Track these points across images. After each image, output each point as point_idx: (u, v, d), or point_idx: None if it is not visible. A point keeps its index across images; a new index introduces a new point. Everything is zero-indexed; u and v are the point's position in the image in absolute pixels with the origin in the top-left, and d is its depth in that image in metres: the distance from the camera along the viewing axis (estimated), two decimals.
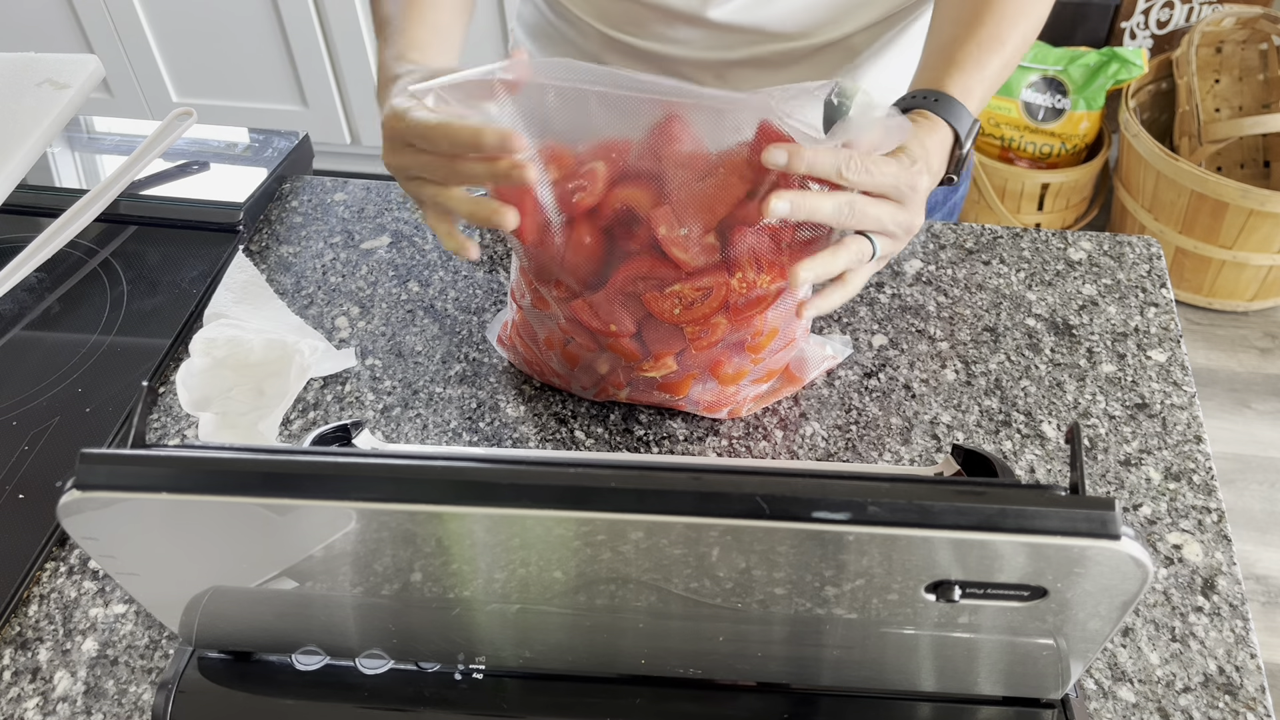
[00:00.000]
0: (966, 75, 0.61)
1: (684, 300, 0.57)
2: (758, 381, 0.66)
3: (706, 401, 0.65)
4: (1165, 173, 1.83)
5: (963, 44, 0.62)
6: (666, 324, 0.58)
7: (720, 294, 0.56)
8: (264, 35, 2.02)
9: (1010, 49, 0.63)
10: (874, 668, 0.46)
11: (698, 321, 0.58)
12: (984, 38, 0.62)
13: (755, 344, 0.61)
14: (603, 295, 0.58)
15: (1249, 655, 0.55)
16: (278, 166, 0.89)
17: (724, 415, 0.67)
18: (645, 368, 0.62)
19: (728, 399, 0.66)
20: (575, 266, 0.58)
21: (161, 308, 0.78)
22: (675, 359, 0.61)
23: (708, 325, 0.58)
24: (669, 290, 0.57)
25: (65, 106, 0.91)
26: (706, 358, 0.61)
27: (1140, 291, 0.76)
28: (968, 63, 0.62)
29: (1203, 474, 0.64)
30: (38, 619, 0.59)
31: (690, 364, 0.62)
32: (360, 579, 0.43)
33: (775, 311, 0.59)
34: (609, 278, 0.58)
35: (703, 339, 0.59)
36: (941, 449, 0.66)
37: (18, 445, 0.68)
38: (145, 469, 0.38)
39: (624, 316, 0.59)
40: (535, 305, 0.63)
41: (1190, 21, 2.10)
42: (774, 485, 0.36)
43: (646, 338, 0.60)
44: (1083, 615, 0.39)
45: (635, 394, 0.66)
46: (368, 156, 2.25)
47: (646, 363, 0.61)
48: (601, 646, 0.47)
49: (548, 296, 0.60)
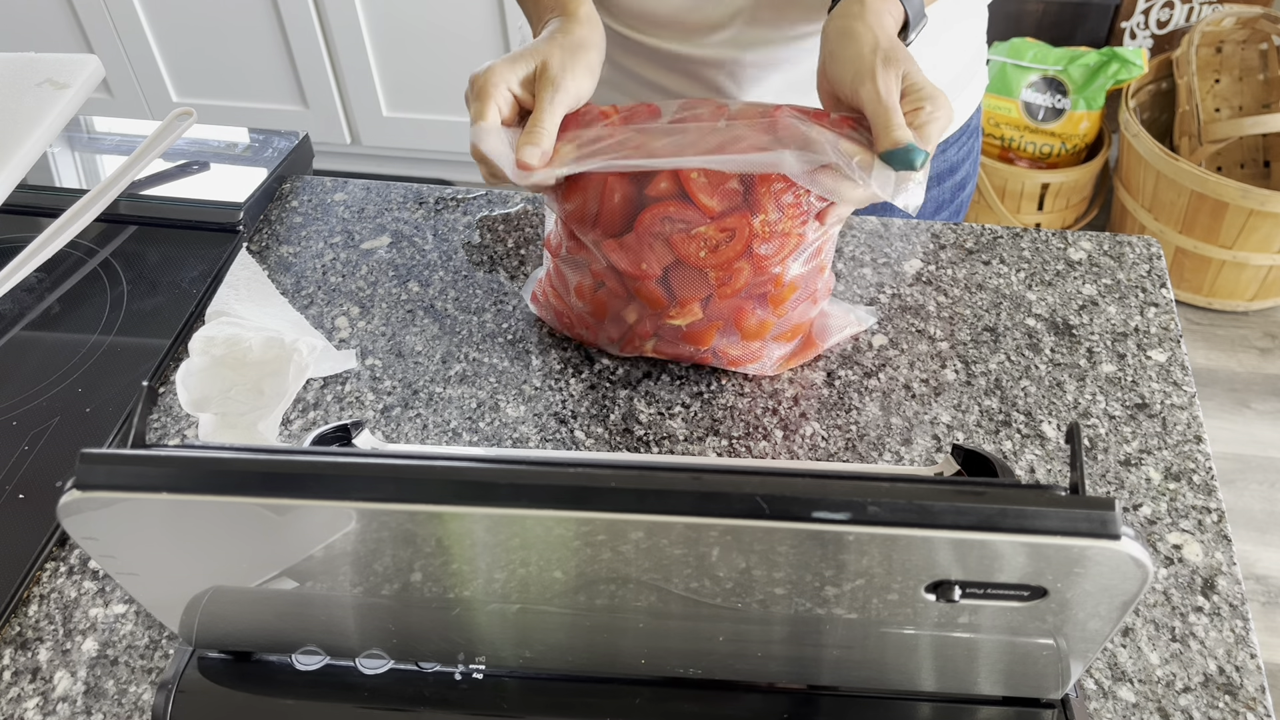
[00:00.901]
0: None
1: (709, 243, 0.60)
2: (780, 339, 0.68)
3: (731, 355, 0.68)
4: (1165, 173, 1.83)
5: None
6: (692, 269, 0.61)
7: (744, 236, 0.60)
8: (264, 35, 2.02)
9: None
10: (874, 668, 0.47)
11: (722, 266, 0.61)
12: None
13: (778, 295, 0.64)
14: (632, 236, 0.61)
15: (1249, 655, 0.55)
16: (278, 166, 0.89)
17: (750, 371, 0.70)
18: (672, 314, 0.64)
19: (753, 354, 0.68)
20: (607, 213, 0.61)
21: (161, 308, 0.78)
22: (700, 306, 0.63)
23: (731, 270, 0.61)
24: (695, 232, 0.60)
25: (65, 106, 0.91)
26: (730, 306, 0.64)
27: (1140, 291, 0.76)
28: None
29: (1203, 474, 0.64)
30: (38, 619, 0.59)
31: (715, 313, 0.64)
32: (360, 579, 0.43)
33: (796, 262, 0.62)
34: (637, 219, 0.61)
35: (727, 285, 0.62)
36: (941, 449, 0.66)
37: (18, 445, 0.68)
38: (145, 469, 0.38)
39: (652, 258, 0.62)
40: (570, 253, 0.66)
41: (1190, 21, 2.10)
42: (774, 485, 0.36)
43: (673, 283, 0.63)
44: (1083, 615, 0.39)
45: (661, 346, 0.68)
46: (368, 156, 2.25)
47: (673, 309, 0.64)
48: (601, 646, 0.47)
49: (584, 239, 0.63)
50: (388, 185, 0.88)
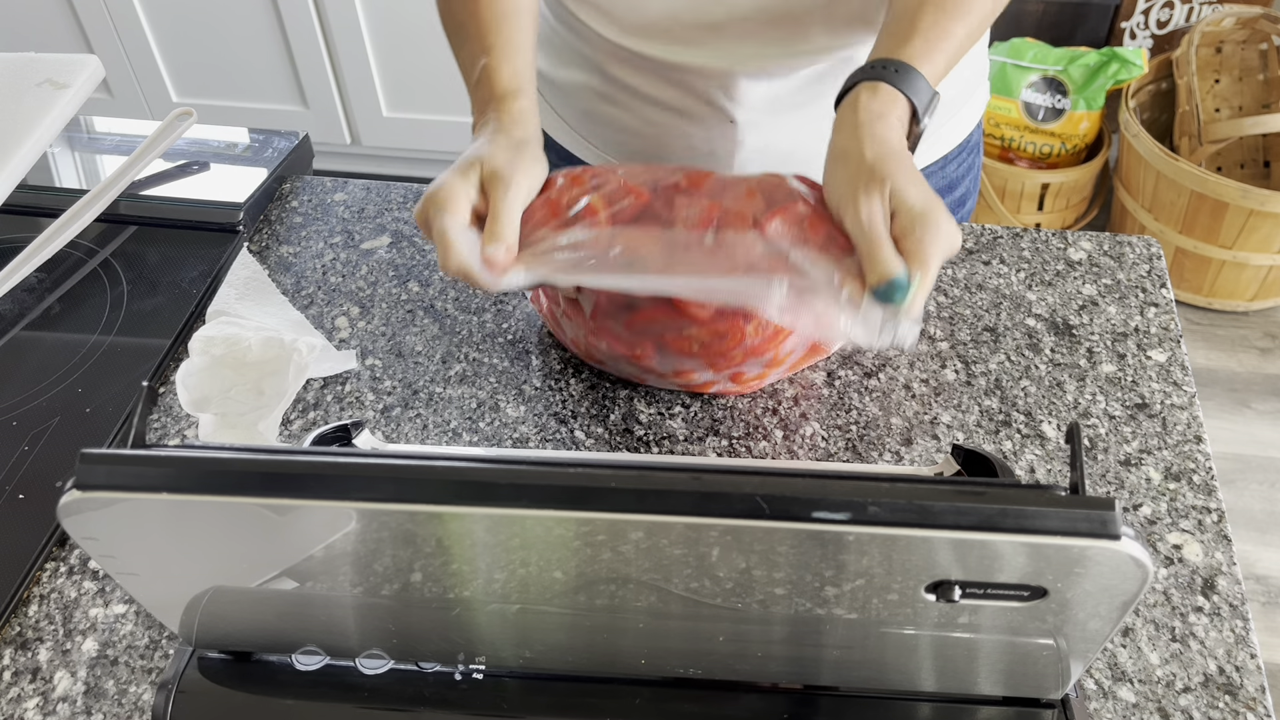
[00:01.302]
0: (929, 43, 0.58)
1: (700, 340, 0.60)
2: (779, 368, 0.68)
3: (734, 389, 0.68)
4: (1165, 173, 1.83)
5: (928, 9, 0.59)
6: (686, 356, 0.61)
7: (737, 335, 0.59)
8: (264, 35, 2.02)
9: (977, 16, 0.60)
10: (874, 668, 0.47)
11: (716, 355, 0.60)
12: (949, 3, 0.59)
13: (777, 359, 0.63)
14: (625, 329, 0.61)
15: (1249, 655, 0.55)
16: (278, 166, 0.89)
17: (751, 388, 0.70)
18: (668, 378, 0.65)
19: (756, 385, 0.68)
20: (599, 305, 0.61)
21: (161, 308, 0.78)
22: (697, 374, 0.64)
23: (727, 356, 0.61)
24: (686, 333, 0.59)
25: (65, 106, 0.91)
26: (729, 370, 0.63)
27: (1140, 291, 0.76)
28: (932, 30, 0.59)
29: (1203, 474, 0.64)
30: (38, 619, 0.59)
31: (713, 376, 0.64)
32: (360, 579, 0.43)
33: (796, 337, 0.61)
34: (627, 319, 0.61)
35: (723, 365, 0.62)
36: (941, 449, 0.66)
37: (18, 445, 0.68)
38: (145, 469, 0.38)
39: (645, 344, 0.62)
40: (566, 315, 0.66)
41: (1190, 21, 2.10)
42: (774, 485, 0.36)
43: (668, 361, 0.63)
44: (1083, 615, 0.39)
45: (658, 383, 0.69)
46: (368, 156, 2.25)
47: (669, 377, 0.65)
48: (601, 646, 0.47)
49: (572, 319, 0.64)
50: (388, 185, 0.88)
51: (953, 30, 0.59)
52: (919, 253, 0.50)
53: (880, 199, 0.52)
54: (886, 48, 0.60)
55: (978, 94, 0.86)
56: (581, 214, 0.58)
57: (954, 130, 0.83)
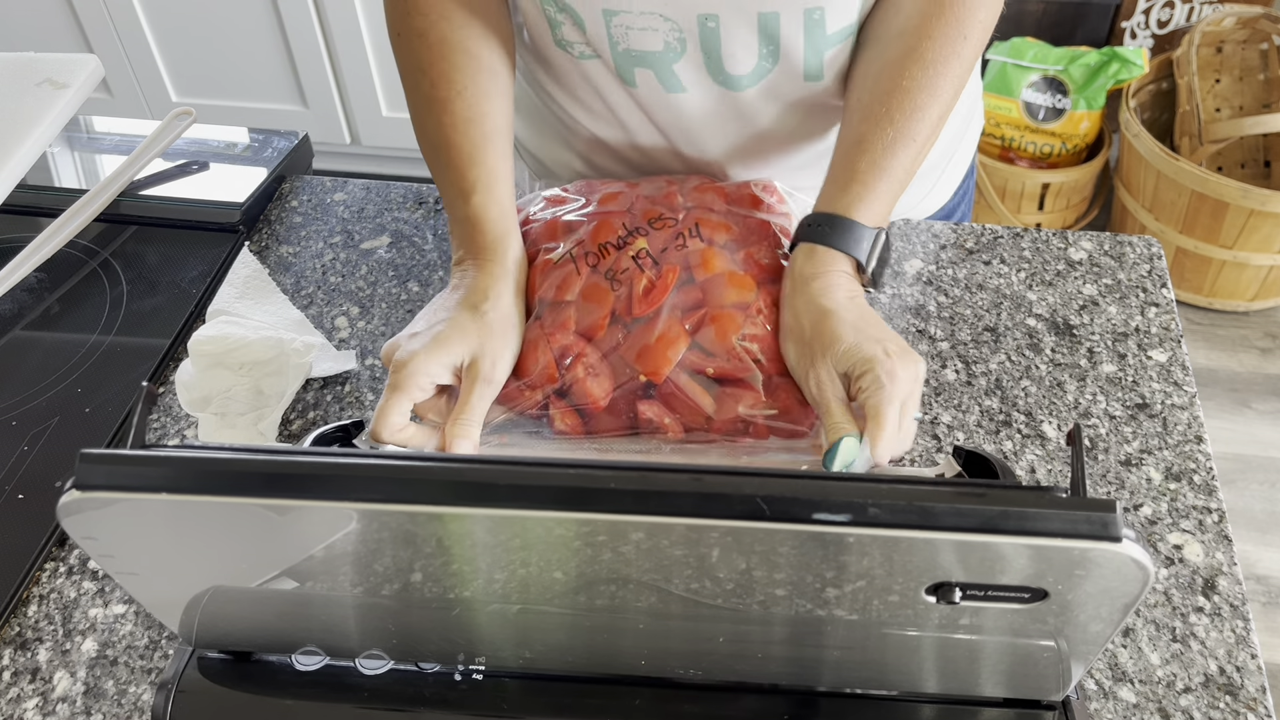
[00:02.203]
0: (867, 187, 0.59)
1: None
2: None
3: None
4: (1166, 173, 1.83)
5: (867, 148, 0.60)
6: None
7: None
8: (264, 35, 2.02)
9: (922, 140, 0.61)
10: (875, 669, 0.46)
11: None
12: (890, 138, 0.60)
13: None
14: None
15: (1249, 655, 0.55)
16: (277, 166, 0.88)
17: None
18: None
19: None
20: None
21: (161, 308, 0.77)
22: None
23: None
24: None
25: (65, 106, 0.91)
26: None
27: (1141, 291, 0.76)
28: (869, 173, 0.59)
29: (1203, 474, 0.64)
30: (37, 619, 0.59)
31: None
32: (360, 579, 0.43)
33: None
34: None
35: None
36: (942, 450, 0.65)
37: (18, 445, 0.68)
38: (145, 469, 0.38)
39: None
40: None
41: (1190, 21, 2.10)
42: (774, 486, 0.36)
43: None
44: (1084, 617, 0.39)
45: None
46: (368, 156, 2.25)
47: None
48: (601, 647, 0.47)
49: None
50: (387, 185, 0.88)
51: (891, 166, 0.60)
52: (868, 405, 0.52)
53: (824, 368, 0.54)
54: (828, 196, 0.61)
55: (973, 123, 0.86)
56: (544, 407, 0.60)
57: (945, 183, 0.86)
